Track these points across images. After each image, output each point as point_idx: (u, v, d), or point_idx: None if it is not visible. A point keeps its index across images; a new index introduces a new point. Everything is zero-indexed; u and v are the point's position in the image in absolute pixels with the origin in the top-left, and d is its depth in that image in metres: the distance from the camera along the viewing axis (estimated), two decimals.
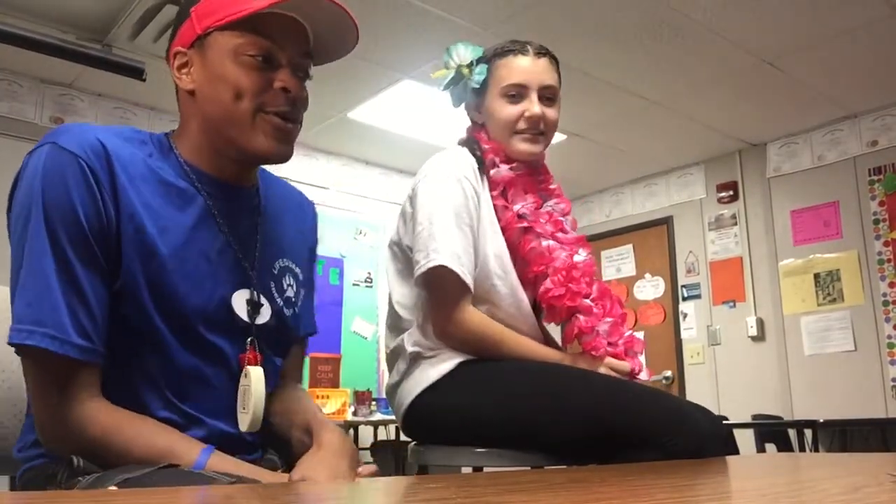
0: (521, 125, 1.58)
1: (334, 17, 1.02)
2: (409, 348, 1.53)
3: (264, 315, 1.04)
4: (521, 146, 1.59)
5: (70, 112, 4.18)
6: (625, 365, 1.53)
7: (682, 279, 5.43)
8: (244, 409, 0.99)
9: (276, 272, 1.10)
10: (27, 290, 0.89)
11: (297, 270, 1.15)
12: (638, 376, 1.54)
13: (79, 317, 0.89)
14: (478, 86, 1.62)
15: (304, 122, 1.09)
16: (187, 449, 0.90)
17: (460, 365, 1.50)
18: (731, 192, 5.24)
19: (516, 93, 1.58)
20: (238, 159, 1.03)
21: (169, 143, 1.04)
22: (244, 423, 0.99)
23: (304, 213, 1.23)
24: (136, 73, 1.31)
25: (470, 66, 1.64)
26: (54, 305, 0.88)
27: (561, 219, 1.64)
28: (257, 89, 0.99)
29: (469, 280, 1.47)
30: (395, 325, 1.60)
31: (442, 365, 1.50)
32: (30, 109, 4.06)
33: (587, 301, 1.56)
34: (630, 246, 5.79)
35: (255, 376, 0.99)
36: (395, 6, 3.39)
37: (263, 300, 1.05)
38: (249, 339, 1.01)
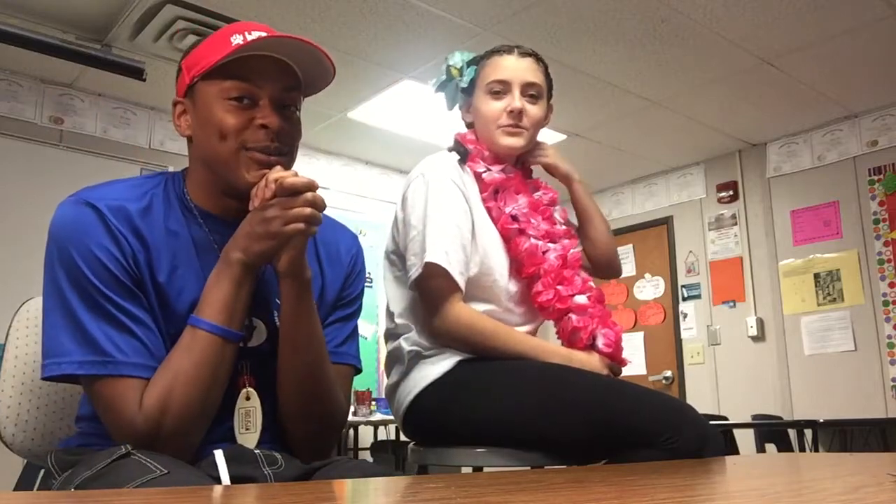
0: (504, 119, 1.61)
1: (307, 51, 1.06)
2: (408, 347, 1.53)
3: (257, 338, 1.09)
4: (503, 140, 1.62)
5: (70, 112, 4.17)
6: (619, 368, 1.58)
7: (682, 279, 5.43)
8: (248, 428, 1.05)
9: (279, 301, 1.12)
10: None
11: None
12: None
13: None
14: (466, 85, 1.67)
15: (304, 122, 1.11)
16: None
17: (459, 364, 1.50)
18: (731, 192, 5.24)
19: (500, 89, 1.62)
20: (233, 195, 1.08)
21: (182, 184, 1.12)
22: (251, 440, 1.05)
23: (339, 255, 1.23)
24: (136, 73, 1.31)
25: (461, 68, 1.69)
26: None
27: (549, 208, 1.67)
28: (239, 129, 1.05)
29: (459, 277, 1.48)
30: (394, 332, 1.60)
31: (441, 363, 1.50)
32: (30, 109, 4.04)
33: (580, 299, 1.57)
34: (630, 246, 5.78)
35: (256, 399, 1.06)
36: (395, 6, 3.39)
37: (256, 322, 1.09)
38: (241, 363, 1.07)
